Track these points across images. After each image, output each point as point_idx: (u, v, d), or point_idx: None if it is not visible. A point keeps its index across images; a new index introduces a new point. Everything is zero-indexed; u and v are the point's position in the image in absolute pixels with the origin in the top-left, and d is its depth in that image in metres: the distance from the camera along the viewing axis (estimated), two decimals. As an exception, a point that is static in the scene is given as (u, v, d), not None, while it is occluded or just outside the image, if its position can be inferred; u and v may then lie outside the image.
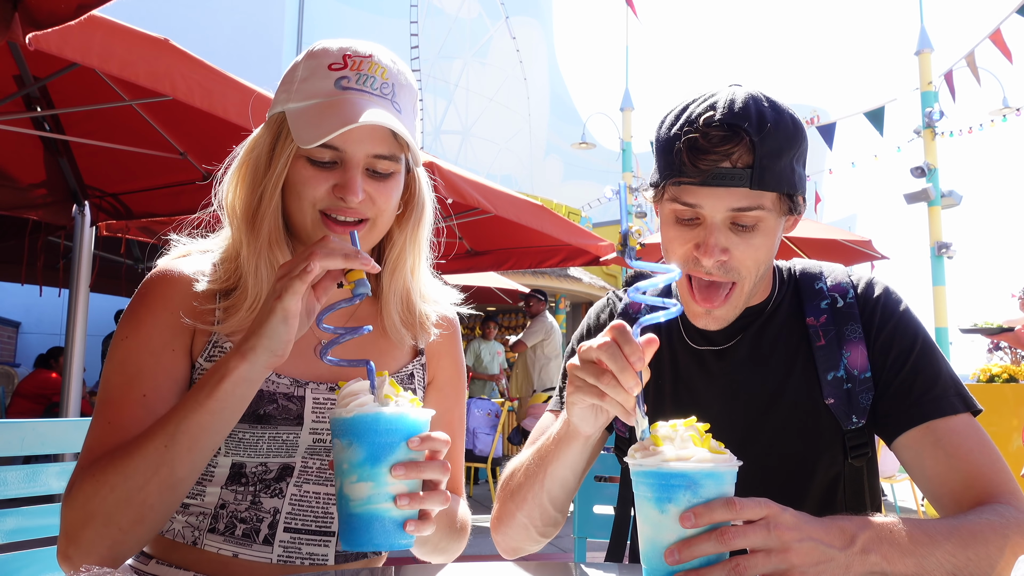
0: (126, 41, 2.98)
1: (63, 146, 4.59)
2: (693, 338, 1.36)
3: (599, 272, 14.75)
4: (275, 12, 19.44)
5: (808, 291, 1.34)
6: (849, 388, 1.25)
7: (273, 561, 1.20)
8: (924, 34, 12.42)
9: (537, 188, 26.73)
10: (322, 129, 1.12)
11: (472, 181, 4.87)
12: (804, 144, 1.22)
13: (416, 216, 1.33)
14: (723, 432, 0.96)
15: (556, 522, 1.34)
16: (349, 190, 1.16)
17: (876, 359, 1.26)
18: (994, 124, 12.24)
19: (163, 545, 1.22)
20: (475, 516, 5.84)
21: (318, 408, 1.24)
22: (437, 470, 1.00)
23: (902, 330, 1.26)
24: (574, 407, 1.10)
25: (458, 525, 1.36)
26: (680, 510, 0.88)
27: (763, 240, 1.21)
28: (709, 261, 1.19)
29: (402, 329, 1.35)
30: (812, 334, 1.29)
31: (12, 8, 1.78)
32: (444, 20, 28.26)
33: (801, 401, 1.27)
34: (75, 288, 4.79)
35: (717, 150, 1.15)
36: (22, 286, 7.28)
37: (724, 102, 1.17)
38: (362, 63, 1.20)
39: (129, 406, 1.15)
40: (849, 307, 1.30)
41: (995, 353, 11.48)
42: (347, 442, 0.97)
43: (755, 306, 1.34)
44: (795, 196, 1.22)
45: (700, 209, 1.19)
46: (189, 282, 1.23)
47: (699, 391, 1.34)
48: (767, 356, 1.31)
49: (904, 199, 12.15)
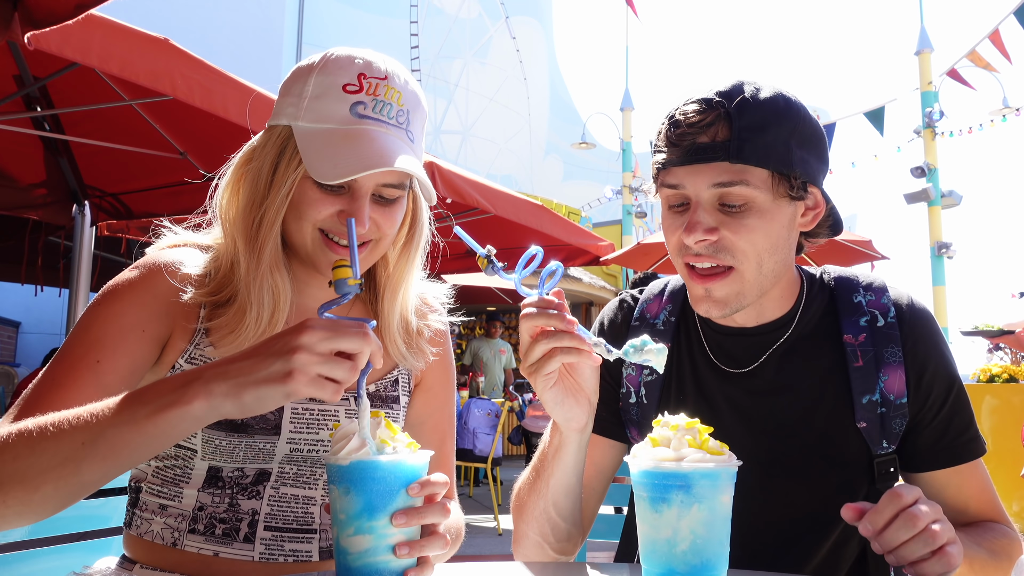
0: (126, 41, 2.99)
1: (63, 146, 4.59)
2: (718, 356, 1.31)
3: (599, 272, 14.74)
4: (275, 12, 19.44)
5: (846, 304, 1.27)
6: (883, 412, 1.21)
7: (255, 559, 1.19)
8: (924, 34, 12.41)
9: (537, 188, 26.72)
10: (341, 167, 1.11)
11: (472, 181, 4.87)
12: (801, 124, 1.17)
13: (416, 240, 1.33)
14: (746, 456, 0.97)
15: (569, 535, 1.29)
16: (357, 221, 1.14)
17: (915, 392, 1.22)
18: (994, 124, 12.23)
19: (144, 548, 1.21)
20: (475, 516, 5.84)
21: (296, 418, 1.22)
22: (437, 514, 0.96)
23: (944, 367, 1.23)
24: (545, 393, 1.12)
25: (456, 533, 1.34)
26: (674, 510, 0.88)
27: (758, 222, 1.15)
28: (691, 239, 1.16)
29: (407, 354, 1.34)
30: (849, 353, 1.23)
31: (11, 8, 1.78)
32: (444, 20, 28.25)
33: (831, 425, 1.23)
34: (75, 288, 4.80)
35: (693, 124, 1.13)
36: (22, 286, 7.28)
37: (711, 85, 1.17)
38: (378, 87, 1.17)
39: (79, 368, 1.11)
40: (890, 328, 1.24)
41: (995, 353, 11.47)
42: (344, 489, 0.93)
43: (780, 318, 1.28)
44: (793, 177, 1.16)
45: (684, 190, 1.17)
46: (180, 276, 1.20)
47: (721, 413, 1.28)
48: (797, 379, 1.26)
49: (904, 199, 12.14)
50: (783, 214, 1.18)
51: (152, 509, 1.22)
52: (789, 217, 1.19)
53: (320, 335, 0.89)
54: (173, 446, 1.20)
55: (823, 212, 1.23)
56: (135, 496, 1.25)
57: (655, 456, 0.91)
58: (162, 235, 1.32)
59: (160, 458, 1.22)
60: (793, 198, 1.18)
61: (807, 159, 1.17)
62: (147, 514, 1.22)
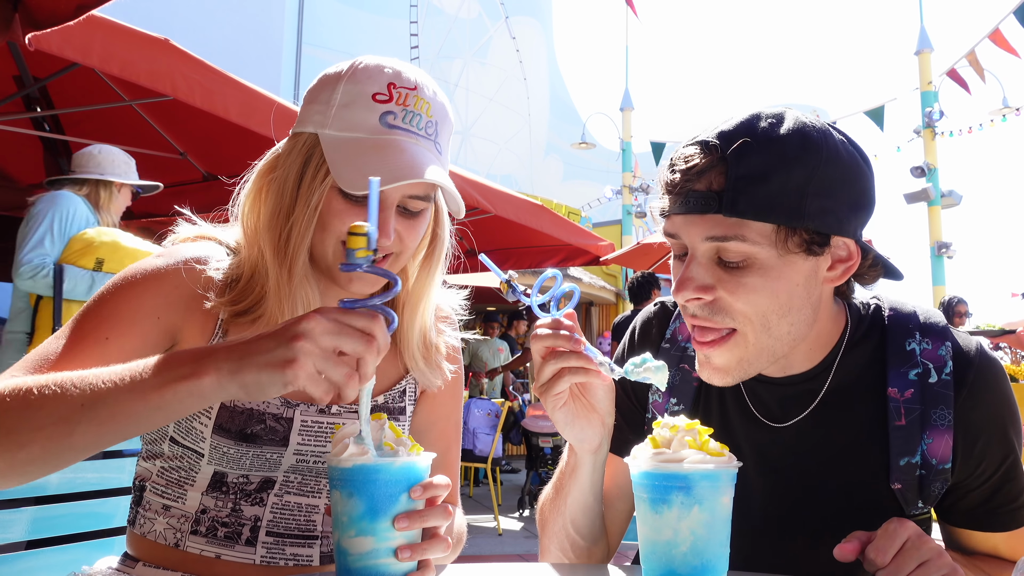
0: (126, 41, 2.99)
1: (63, 146, 4.59)
2: (750, 398, 1.19)
3: (599, 272, 14.73)
4: (275, 12, 19.43)
5: (896, 351, 1.11)
6: (922, 475, 1.09)
7: (256, 562, 1.19)
8: (924, 34, 12.42)
9: (537, 188, 26.72)
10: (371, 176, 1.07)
11: (472, 181, 4.87)
12: (823, 167, 0.99)
13: (438, 254, 1.31)
14: (768, 509, 0.95)
15: (589, 553, 1.24)
16: (381, 232, 1.12)
17: (963, 460, 1.09)
18: (994, 124, 12.23)
19: (146, 547, 1.22)
20: (476, 516, 5.85)
21: (305, 431, 1.22)
22: (440, 517, 0.95)
23: (1001, 437, 1.09)
24: (556, 413, 1.11)
25: (457, 537, 1.33)
26: (674, 512, 0.88)
27: (760, 281, 1.01)
28: (681, 296, 1.05)
29: (427, 370, 1.33)
30: (892, 409, 1.09)
31: (12, 8, 1.78)
32: (444, 20, 28.25)
33: (862, 484, 1.11)
34: (75, 288, 4.79)
35: (687, 171, 1.02)
36: (22, 286, 7.27)
37: (723, 119, 1.04)
38: (407, 97, 1.15)
39: (87, 341, 1.09)
40: (943, 386, 1.08)
41: (995, 353, 11.50)
42: (347, 493, 0.92)
43: (811, 369, 1.14)
44: (804, 230, 1.00)
45: (682, 240, 1.06)
46: (204, 280, 1.18)
47: (745, 461, 1.14)
48: (831, 437, 1.13)
49: (904, 199, 12.15)
50: (795, 271, 1.03)
51: (155, 509, 1.22)
52: (806, 274, 1.04)
53: (325, 326, 0.86)
54: (181, 449, 1.20)
55: (857, 263, 1.07)
56: (139, 494, 1.26)
57: (655, 457, 0.91)
58: (185, 225, 1.29)
59: (166, 459, 1.22)
60: (810, 253, 1.03)
61: (830, 208, 1.00)
62: (150, 514, 1.22)
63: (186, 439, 1.19)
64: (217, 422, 1.17)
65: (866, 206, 1.05)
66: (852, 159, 1.03)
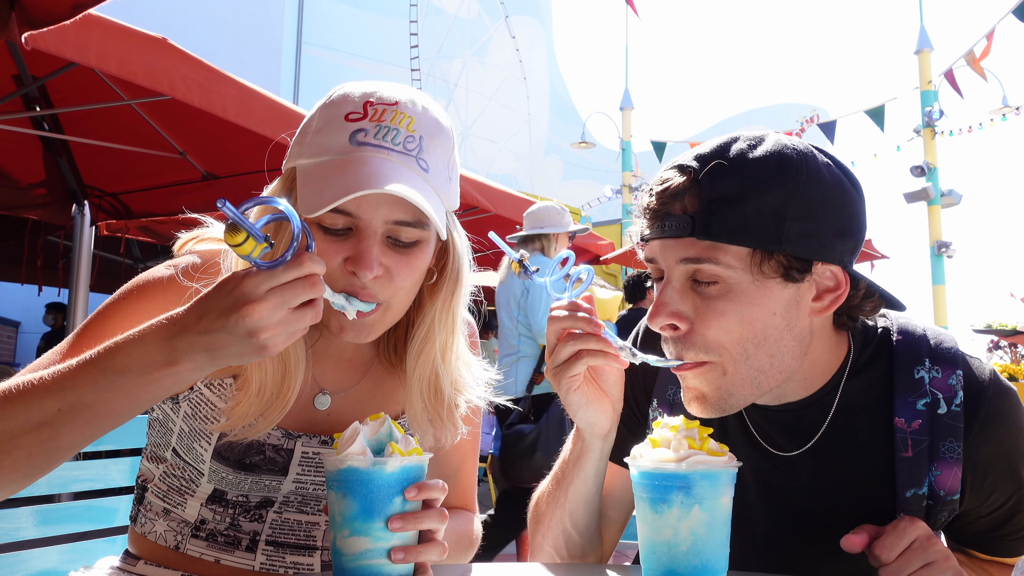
0: (124, 40, 2.99)
1: (62, 146, 4.59)
2: (756, 429, 1.15)
3: (599, 272, 14.72)
4: (275, 12, 19.42)
5: (904, 379, 1.06)
6: (929, 506, 1.05)
7: (256, 568, 1.19)
8: (924, 33, 12.41)
9: (537, 188, 26.72)
10: (326, 196, 0.97)
11: (472, 181, 4.88)
12: (804, 189, 0.95)
13: (450, 286, 1.17)
14: (769, 539, 0.95)
15: (584, 552, 1.22)
16: (363, 263, 1.01)
17: (972, 492, 1.06)
18: (994, 123, 12.22)
19: (148, 547, 1.22)
20: (475, 516, 5.67)
21: (305, 462, 1.19)
22: (435, 520, 0.94)
23: (1012, 469, 1.05)
24: (570, 395, 1.10)
25: (468, 542, 1.33)
26: (674, 511, 0.88)
27: (734, 307, 0.98)
28: (655, 323, 1.03)
29: (425, 423, 1.21)
30: (899, 440, 1.05)
31: (9, 8, 1.78)
32: (444, 19, 28.22)
33: (866, 515, 1.06)
34: (75, 288, 4.80)
35: (662, 194, 1.00)
36: (22, 286, 7.27)
37: (707, 144, 1.02)
38: (384, 112, 1.04)
39: (90, 348, 1.05)
40: (953, 417, 1.04)
41: (995, 352, 11.48)
42: (341, 494, 0.92)
43: (808, 397, 1.10)
44: (782, 255, 0.96)
45: (659, 264, 1.04)
46: None
47: (747, 488, 1.13)
48: (835, 466, 1.09)
49: (904, 198, 12.14)
50: (771, 299, 0.99)
51: (156, 511, 1.22)
52: (784, 303, 1.00)
53: (268, 305, 0.84)
54: (183, 462, 1.19)
55: (846, 293, 1.02)
56: (141, 493, 1.26)
57: (655, 457, 0.91)
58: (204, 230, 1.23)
59: (168, 465, 1.22)
60: (788, 279, 0.99)
61: (812, 231, 0.96)
62: (151, 515, 1.22)
63: (187, 456, 1.18)
64: (216, 449, 1.16)
65: (853, 232, 1.01)
66: (837, 182, 0.99)
